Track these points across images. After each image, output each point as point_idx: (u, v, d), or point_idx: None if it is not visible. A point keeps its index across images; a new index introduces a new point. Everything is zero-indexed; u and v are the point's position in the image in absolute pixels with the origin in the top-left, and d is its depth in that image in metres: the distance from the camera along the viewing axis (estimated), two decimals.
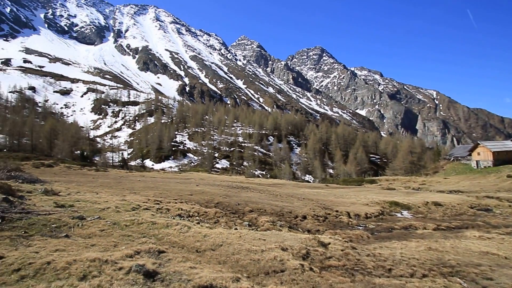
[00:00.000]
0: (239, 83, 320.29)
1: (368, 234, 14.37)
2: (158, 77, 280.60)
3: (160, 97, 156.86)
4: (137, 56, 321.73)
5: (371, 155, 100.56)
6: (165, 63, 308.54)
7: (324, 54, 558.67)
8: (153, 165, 75.76)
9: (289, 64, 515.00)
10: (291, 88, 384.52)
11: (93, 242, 7.52)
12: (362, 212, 20.45)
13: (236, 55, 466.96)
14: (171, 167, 75.05)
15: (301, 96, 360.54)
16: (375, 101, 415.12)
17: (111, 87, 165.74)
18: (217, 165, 78.37)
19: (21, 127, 60.55)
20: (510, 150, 57.41)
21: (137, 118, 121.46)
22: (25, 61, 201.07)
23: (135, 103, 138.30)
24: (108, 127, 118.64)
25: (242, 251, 8.33)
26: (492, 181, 46.29)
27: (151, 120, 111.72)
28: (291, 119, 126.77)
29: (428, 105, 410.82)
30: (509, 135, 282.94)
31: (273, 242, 9.51)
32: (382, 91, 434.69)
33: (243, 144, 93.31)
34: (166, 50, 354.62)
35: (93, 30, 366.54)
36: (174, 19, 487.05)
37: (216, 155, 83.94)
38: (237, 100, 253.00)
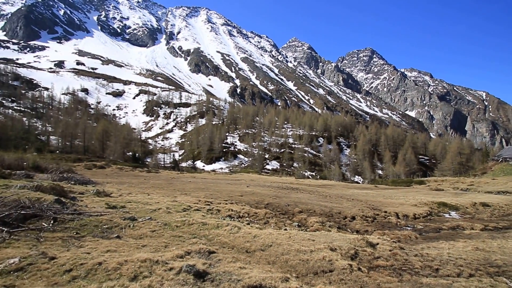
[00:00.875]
0: (290, 84, 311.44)
1: (416, 234, 13.84)
2: (210, 79, 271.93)
3: (211, 98, 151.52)
4: (188, 58, 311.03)
5: (420, 156, 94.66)
6: (216, 65, 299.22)
7: (374, 56, 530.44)
8: (204, 166, 74.26)
9: (339, 66, 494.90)
10: (341, 90, 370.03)
11: (144, 242, 7.36)
12: (410, 212, 19.64)
13: (287, 57, 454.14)
14: (221, 168, 73.55)
15: (351, 97, 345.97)
16: (424, 102, 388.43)
17: (163, 89, 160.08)
18: (267, 166, 77.02)
19: (74, 128, 58.41)
20: None
21: (188, 119, 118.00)
22: (78, 63, 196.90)
23: (186, 105, 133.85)
24: (160, 128, 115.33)
25: (291, 252, 8.18)
26: None
27: (202, 121, 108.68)
28: (341, 121, 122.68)
29: (478, 106, 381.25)
30: None
31: (322, 243, 9.30)
32: (432, 92, 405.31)
33: (293, 146, 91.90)
34: (218, 52, 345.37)
35: (146, 32, 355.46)
36: (226, 21, 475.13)
37: (267, 156, 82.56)
38: (288, 101, 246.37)
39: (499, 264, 8.87)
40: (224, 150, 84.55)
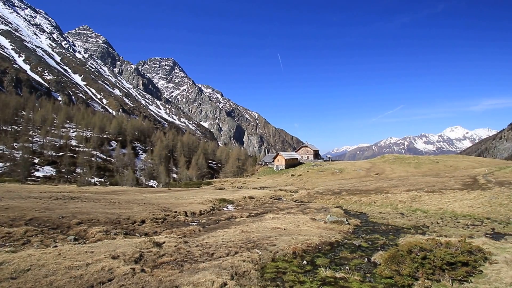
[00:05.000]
0: (77, 78, 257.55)
1: (200, 228, 15.28)
2: None
3: None
4: None
5: (210, 161, 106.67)
6: None
7: (176, 67, 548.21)
8: None
9: (140, 69, 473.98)
10: (141, 94, 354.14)
11: None
12: (197, 210, 21.47)
13: (74, 45, 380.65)
14: None
15: (150, 103, 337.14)
16: (215, 116, 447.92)
17: None
18: (37, 173, 63.18)
19: None
20: (294, 158, 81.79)
21: None
22: None
23: None
24: None
25: (60, 270, 7.12)
26: (284, 178, 61.87)
27: None
28: (138, 125, 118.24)
29: (252, 123, 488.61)
30: (295, 148, 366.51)
31: (103, 253, 8.68)
32: (222, 108, 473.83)
33: (77, 149, 79.87)
34: None
35: None
36: None
37: (37, 161, 68.05)
38: (73, 97, 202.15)
39: (255, 240, 11.16)
40: None
